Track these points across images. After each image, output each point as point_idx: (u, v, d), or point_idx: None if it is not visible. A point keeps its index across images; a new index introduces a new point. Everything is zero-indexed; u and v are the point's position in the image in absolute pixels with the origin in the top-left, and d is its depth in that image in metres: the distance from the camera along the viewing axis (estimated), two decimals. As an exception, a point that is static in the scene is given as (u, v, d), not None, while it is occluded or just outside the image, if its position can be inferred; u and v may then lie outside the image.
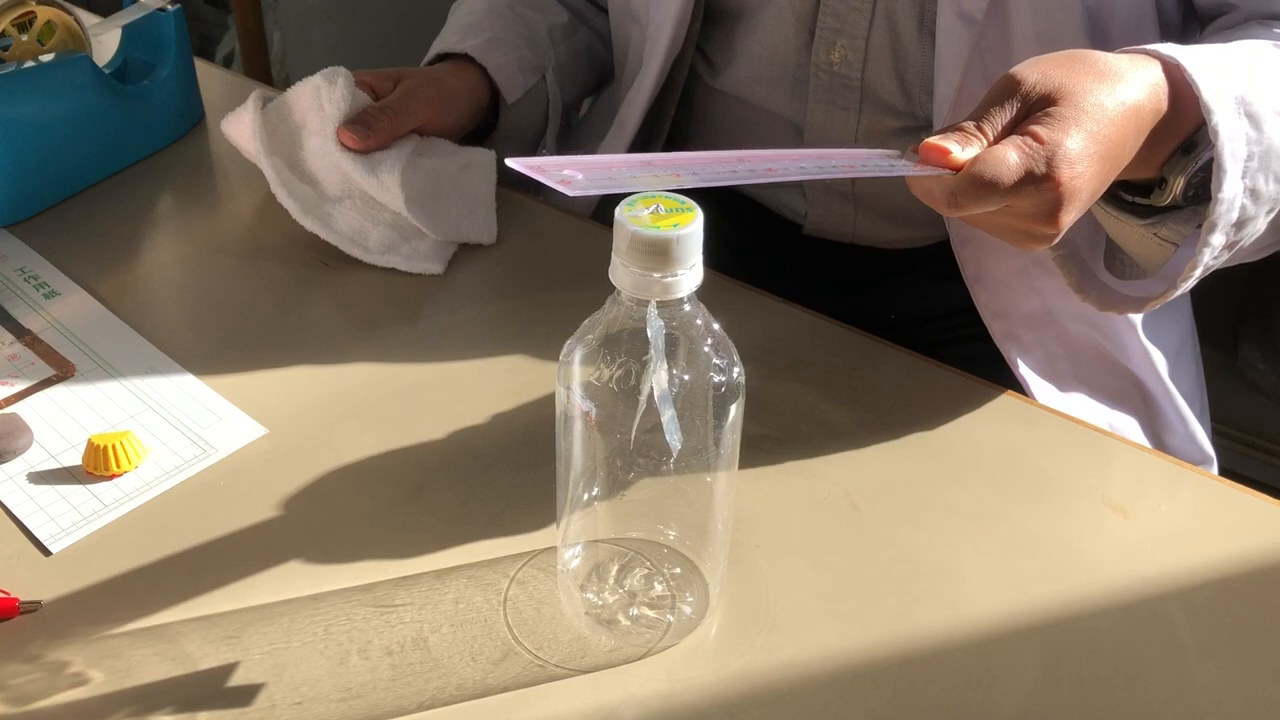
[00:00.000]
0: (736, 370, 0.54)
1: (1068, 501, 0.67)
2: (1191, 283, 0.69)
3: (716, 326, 0.53)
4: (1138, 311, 0.74)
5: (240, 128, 0.87)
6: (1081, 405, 0.84)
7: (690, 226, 0.49)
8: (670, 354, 0.52)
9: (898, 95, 0.85)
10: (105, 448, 0.66)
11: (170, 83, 0.96)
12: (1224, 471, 0.82)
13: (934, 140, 0.60)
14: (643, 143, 0.96)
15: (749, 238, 0.96)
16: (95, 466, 0.67)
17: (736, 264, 0.85)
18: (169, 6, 0.95)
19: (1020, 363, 0.82)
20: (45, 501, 0.65)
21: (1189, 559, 0.64)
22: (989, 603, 0.61)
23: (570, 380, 0.54)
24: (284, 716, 0.55)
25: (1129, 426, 0.86)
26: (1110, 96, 0.61)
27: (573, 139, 1.04)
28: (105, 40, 0.98)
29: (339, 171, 0.84)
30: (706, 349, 0.53)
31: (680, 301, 0.51)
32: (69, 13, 0.93)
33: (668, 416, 0.51)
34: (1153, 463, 0.71)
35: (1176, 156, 0.66)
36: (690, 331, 0.53)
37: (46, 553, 0.63)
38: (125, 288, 0.82)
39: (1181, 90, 0.64)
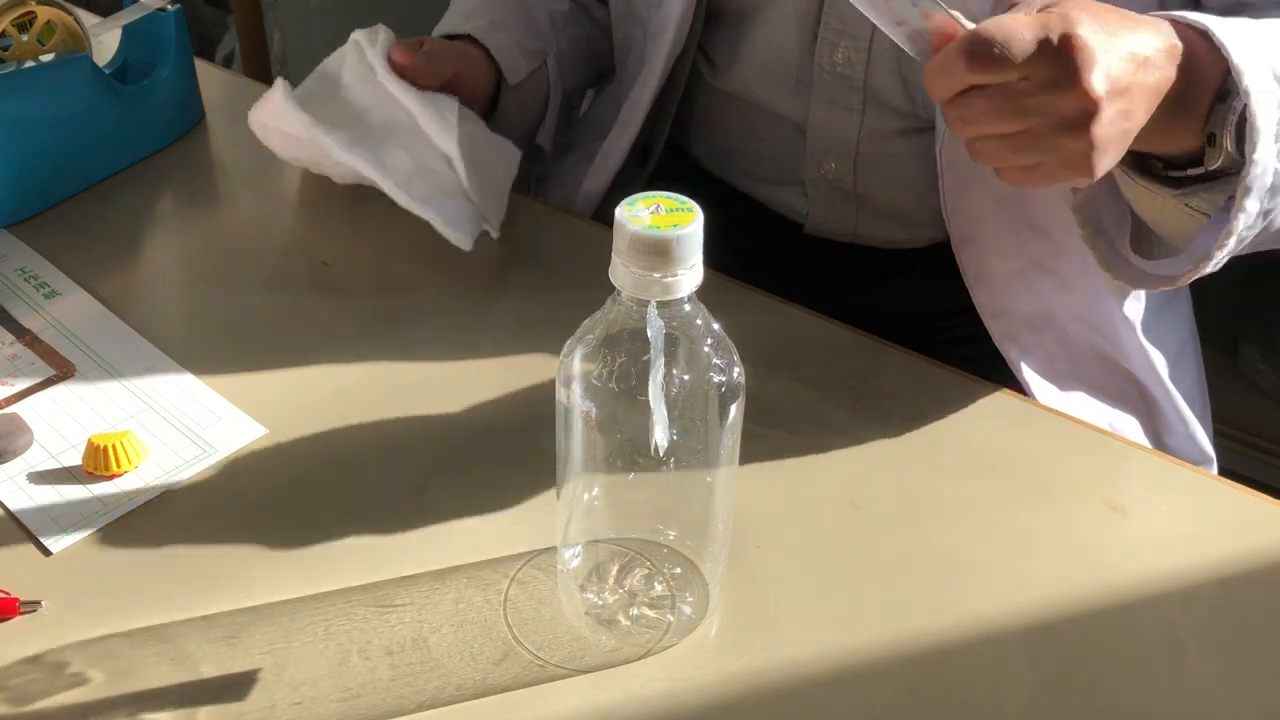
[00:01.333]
0: (736, 370, 0.54)
1: (1068, 501, 0.67)
2: (1225, 254, 0.67)
3: (716, 326, 0.53)
4: (1170, 287, 0.73)
5: (270, 108, 0.86)
6: (1082, 405, 0.84)
7: (690, 226, 0.49)
8: (670, 354, 0.52)
9: (900, 96, 0.85)
10: (105, 448, 0.66)
11: (170, 83, 0.96)
12: (1224, 471, 0.82)
13: (946, 17, 0.60)
14: (645, 141, 0.96)
15: (750, 238, 0.96)
16: (95, 466, 0.67)
17: (737, 264, 0.85)
18: (169, 6, 0.95)
19: (1020, 363, 0.82)
20: (45, 501, 0.65)
21: (1189, 559, 0.64)
22: (989, 603, 0.61)
23: (570, 380, 0.54)
24: (284, 716, 0.55)
25: (1129, 427, 0.86)
26: (1114, 11, 0.61)
27: (573, 136, 1.04)
28: (105, 40, 0.98)
29: (393, 105, 0.84)
30: (706, 349, 0.53)
31: (680, 301, 0.51)
32: (69, 13, 0.93)
33: (660, 416, 0.51)
34: (1153, 463, 0.71)
35: (1215, 111, 0.65)
36: (690, 331, 0.53)
37: (46, 553, 0.63)
38: (125, 288, 0.82)
39: (1199, 51, 0.63)
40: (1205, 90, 0.64)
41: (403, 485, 0.67)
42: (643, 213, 0.50)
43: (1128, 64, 0.60)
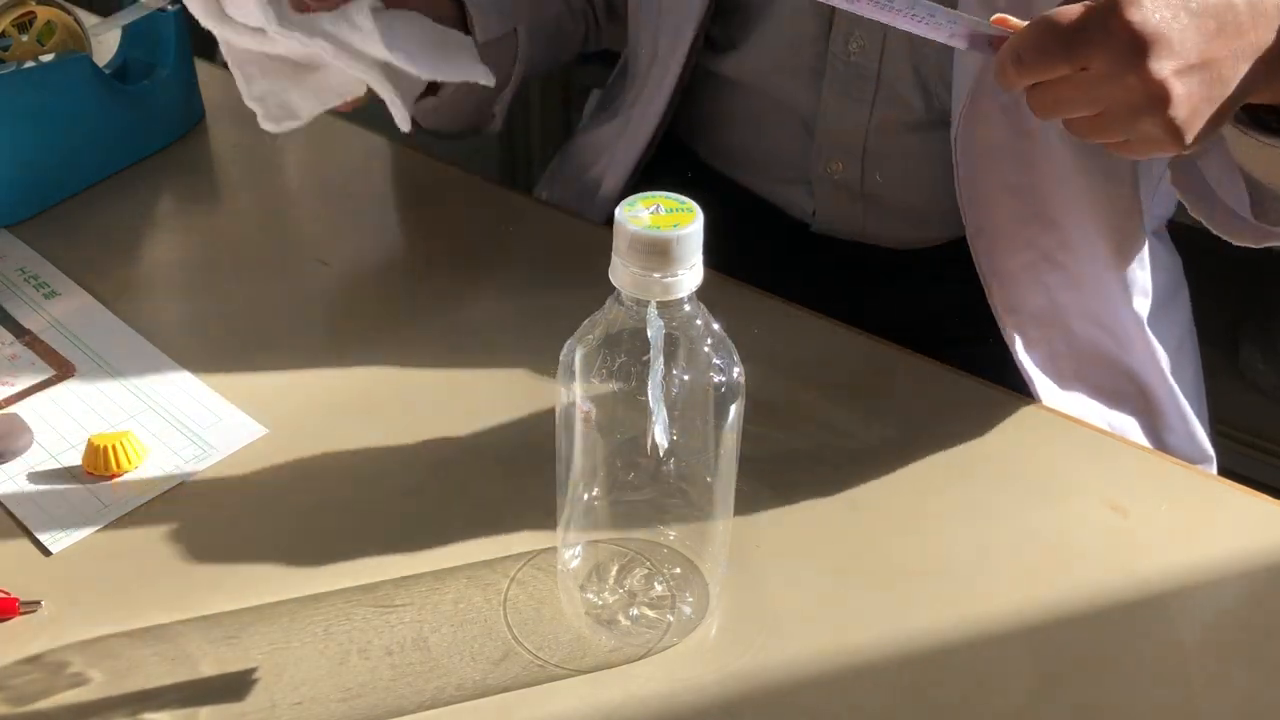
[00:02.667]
0: (736, 370, 0.54)
1: (1068, 501, 0.67)
2: None
3: (716, 326, 0.53)
4: None
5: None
6: (1081, 405, 0.84)
7: (690, 226, 0.49)
8: (670, 354, 0.52)
9: (913, 88, 0.84)
10: (105, 448, 0.66)
11: (170, 83, 0.96)
12: (1224, 471, 0.82)
13: (1002, 15, 0.59)
14: (648, 141, 0.95)
15: (755, 237, 0.95)
16: (95, 466, 0.67)
17: (742, 263, 0.84)
18: (169, 6, 0.95)
19: (1024, 358, 0.82)
20: (45, 501, 0.65)
21: (1189, 559, 0.64)
22: (989, 603, 0.61)
23: (570, 380, 0.54)
24: (284, 716, 0.55)
25: (1129, 427, 0.86)
26: None
27: (581, 141, 1.03)
28: (105, 40, 0.98)
29: (306, 32, 0.77)
30: (706, 349, 0.53)
31: (680, 301, 0.51)
32: (69, 13, 0.93)
33: (660, 417, 0.51)
34: (1153, 463, 0.71)
35: None
36: (690, 331, 0.53)
37: (46, 553, 0.63)
38: (125, 288, 0.82)
39: None
40: None
41: (403, 485, 0.67)
42: (642, 213, 0.50)
43: (1201, 35, 0.57)
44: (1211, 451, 0.89)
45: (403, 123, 0.81)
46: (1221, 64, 0.58)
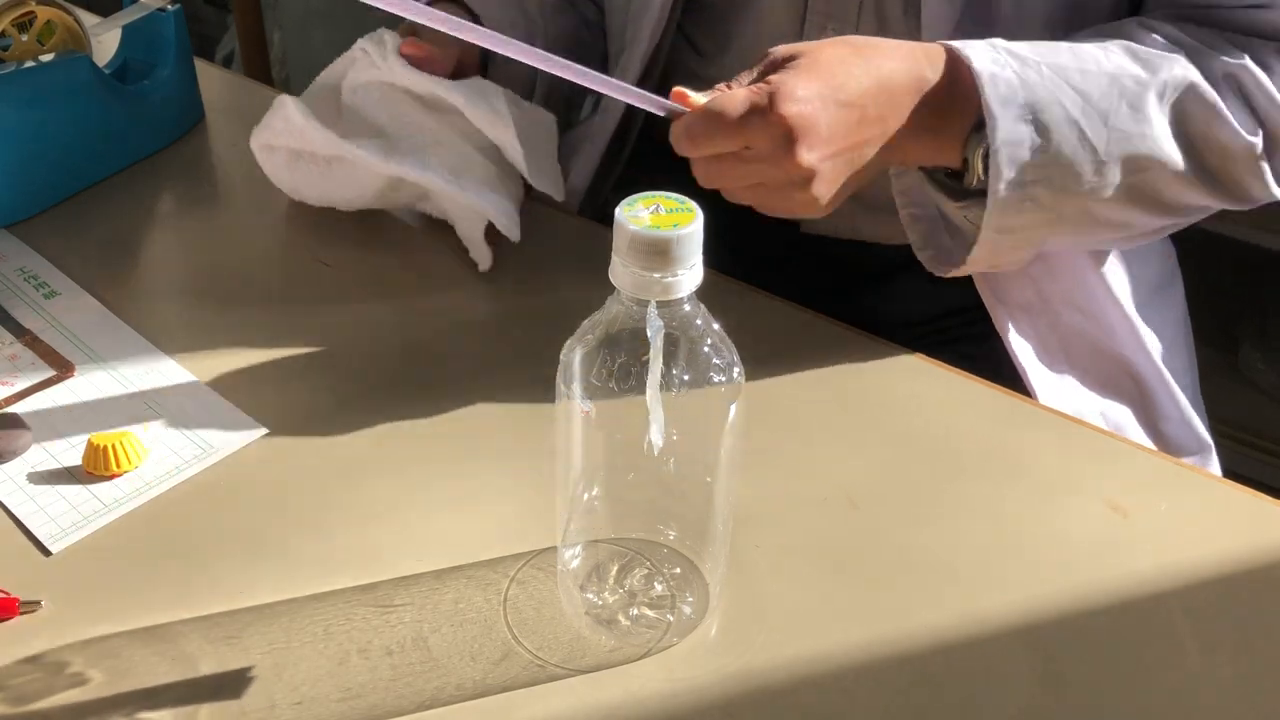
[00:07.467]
0: (736, 370, 0.54)
1: (1068, 501, 0.67)
2: (976, 265, 0.76)
3: (716, 326, 0.53)
4: (961, 273, 0.79)
5: (281, 125, 0.83)
6: (1075, 393, 0.84)
7: (690, 226, 0.49)
8: (670, 354, 0.52)
9: None
10: (105, 448, 0.66)
11: (170, 83, 0.96)
12: (1224, 471, 0.83)
13: (680, 89, 0.68)
14: (623, 132, 0.95)
15: (745, 238, 0.95)
16: (95, 466, 0.67)
17: (734, 263, 0.84)
18: (169, 6, 0.95)
19: (1015, 345, 0.82)
20: (45, 501, 0.65)
21: (1189, 559, 0.64)
22: (989, 602, 0.61)
23: (570, 380, 0.54)
24: (284, 716, 0.55)
25: (1124, 417, 0.86)
26: (858, 57, 0.68)
27: (571, 138, 1.04)
28: (105, 40, 0.98)
29: (406, 105, 0.82)
30: (706, 349, 0.53)
31: (680, 301, 0.51)
32: (69, 13, 0.93)
33: (656, 416, 0.51)
34: (1153, 463, 0.71)
35: (971, 136, 0.71)
36: (690, 331, 0.53)
37: (46, 553, 0.63)
38: (125, 288, 0.82)
39: (963, 80, 0.70)
40: (965, 116, 0.71)
41: (402, 485, 0.67)
42: (642, 213, 0.50)
43: (845, 124, 0.67)
44: (1209, 440, 0.89)
45: (484, 261, 0.83)
46: (861, 146, 0.69)
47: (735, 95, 0.65)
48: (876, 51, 0.69)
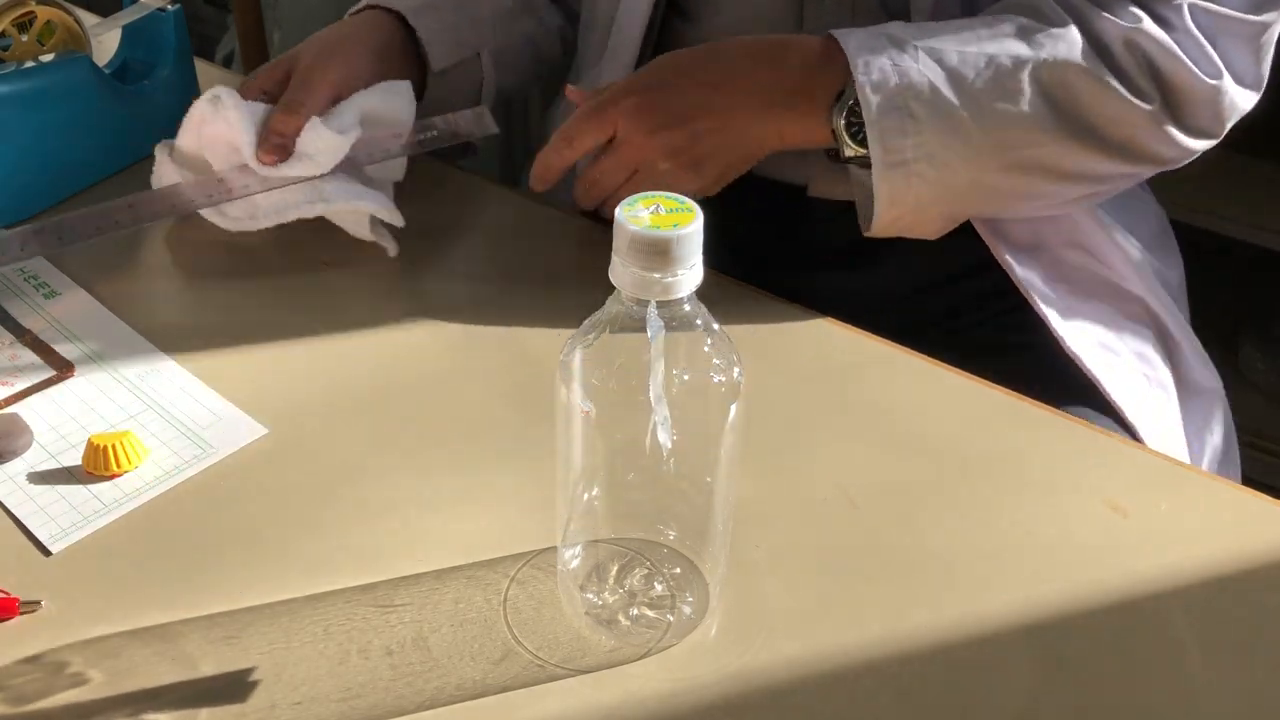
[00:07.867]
0: (736, 370, 0.54)
1: (1068, 501, 0.67)
2: (883, 218, 0.79)
3: (716, 326, 0.53)
4: (873, 234, 0.81)
5: (169, 172, 0.86)
6: (1093, 331, 0.84)
7: (690, 226, 0.49)
8: (670, 354, 0.52)
9: None
10: (105, 448, 0.66)
11: (170, 83, 0.96)
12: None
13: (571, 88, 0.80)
14: None
15: (753, 207, 0.94)
16: (95, 466, 0.67)
17: (734, 264, 0.84)
18: (169, 6, 0.95)
19: (1024, 278, 0.83)
20: (45, 501, 0.65)
21: (1189, 559, 0.64)
22: (989, 602, 0.61)
23: (570, 380, 0.54)
24: (284, 716, 0.55)
25: (1148, 353, 0.86)
26: (700, 48, 0.78)
27: (549, 128, 1.03)
28: (105, 40, 0.98)
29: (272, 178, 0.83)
30: (706, 349, 0.53)
31: (680, 301, 0.51)
32: (69, 13, 0.93)
33: (661, 416, 0.51)
34: (1153, 463, 0.71)
35: (834, 105, 0.76)
36: (690, 331, 0.53)
37: (46, 553, 0.63)
38: (125, 288, 0.82)
39: (834, 51, 0.75)
40: (829, 87, 0.76)
41: (402, 485, 0.67)
42: (642, 213, 0.50)
43: (676, 89, 0.77)
44: (1219, 382, 0.91)
45: (391, 248, 0.85)
46: (699, 114, 0.76)
47: (596, 93, 0.78)
48: (730, 40, 0.78)
